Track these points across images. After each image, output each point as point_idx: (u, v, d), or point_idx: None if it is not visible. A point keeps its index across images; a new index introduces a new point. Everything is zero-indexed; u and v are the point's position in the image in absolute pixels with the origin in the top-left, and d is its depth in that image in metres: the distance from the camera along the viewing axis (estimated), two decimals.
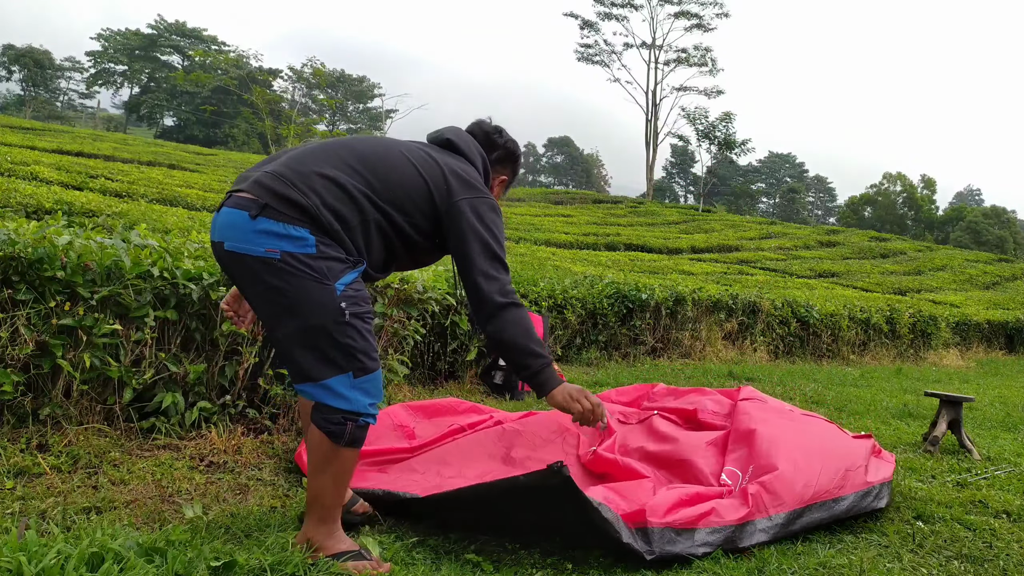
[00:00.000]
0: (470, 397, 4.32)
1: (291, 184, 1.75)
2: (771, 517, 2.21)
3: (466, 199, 1.91)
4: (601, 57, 48.06)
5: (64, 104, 66.63)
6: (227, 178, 19.86)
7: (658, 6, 45.43)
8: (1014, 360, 11.27)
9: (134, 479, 2.33)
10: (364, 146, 1.92)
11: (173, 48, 62.31)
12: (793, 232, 31.18)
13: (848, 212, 68.85)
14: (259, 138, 46.39)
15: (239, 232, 1.72)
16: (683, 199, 74.94)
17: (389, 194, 1.84)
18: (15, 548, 1.51)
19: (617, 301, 6.38)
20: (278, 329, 1.75)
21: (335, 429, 1.73)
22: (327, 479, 1.78)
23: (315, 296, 1.70)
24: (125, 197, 11.70)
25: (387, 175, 1.85)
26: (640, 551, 1.94)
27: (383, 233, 1.85)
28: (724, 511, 2.17)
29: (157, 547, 1.66)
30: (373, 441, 2.65)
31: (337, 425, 1.73)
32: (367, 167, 1.84)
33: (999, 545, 2.35)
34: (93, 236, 2.84)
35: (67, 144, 20.96)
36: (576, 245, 18.55)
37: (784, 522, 2.23)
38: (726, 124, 42.54)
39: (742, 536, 2.14)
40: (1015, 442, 4.05)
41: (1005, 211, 61.21)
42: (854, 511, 2.40)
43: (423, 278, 3.90)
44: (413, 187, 1.87)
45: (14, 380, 2.40)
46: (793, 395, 5.29)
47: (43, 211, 7.51)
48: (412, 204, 1.87)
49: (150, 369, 2.70)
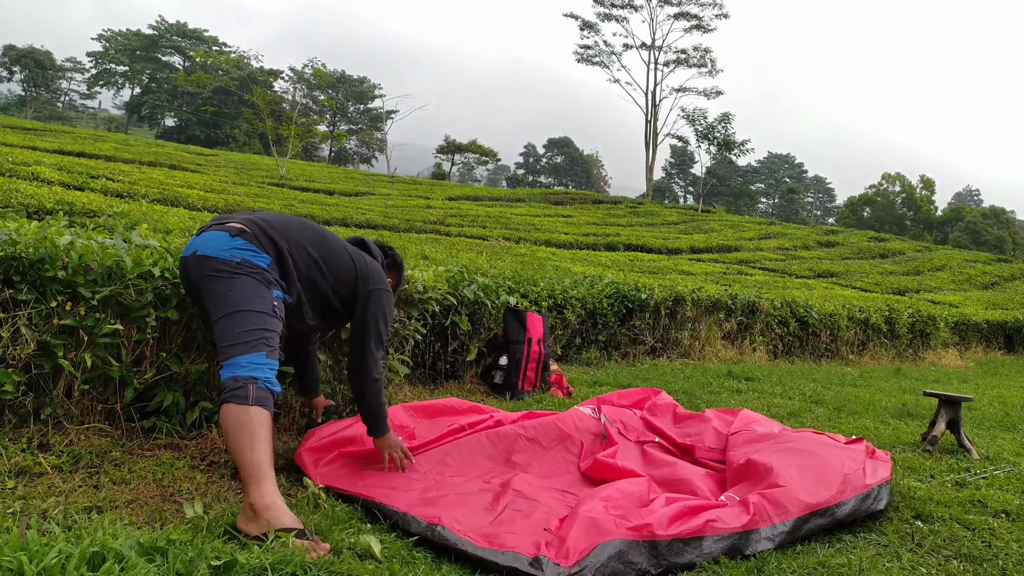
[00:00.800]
0: (470, 397, 4.32)
1: (275, 230, 2.39)
2: (775, 526, 2.22)
3: (375, 289, 2.60)
4: (601, 58, 48.09)
5: (65, 105, 66.62)
6: (228, 178, 19.86)
7: (658, 7, 45.46)
8: (1013, 360, 11.27)
9: (135, 479, 2.33)
10: (316, 231, 2.60)
11: (174, 49, 62.30)
12: (792, 232, 31.17)
13: (847, 212, 68.82)
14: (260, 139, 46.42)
15: (217, 243, 2.27)
16: (683, 199, 74.95)
17: (331, 268, 2.54)
18: (16, 548, 1.51)
19: (617, 301, 6.38)
20: (216, 313, 2.19)
21: (240, 392, 2.09)
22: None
23: (256, 291, 2.23)
24: (126, 197, 11.71)
25: (331, 256, 2.55)
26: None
27: (315, 290, 2.51)
28: (727, 519, 2.19)
29: (158, 546, 1.66)
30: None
31: (240, 388, 2.09)
32: (321, 245, 2.54)
33: (998, 544, 2.36)
34: (94, 236, 2.84)
35: (68, 144, 20.95)
36: (576, 245, 18.55)
37: (789, 530, 2.25)
38: (725, 125, 42.53)
39: (747, 543, 2.15)
40: (1014, 442, 4.06)
41: (1004, 211, 61.19)
42: (856, 515, 2.42)
43: (423, 278, 3.90)
44: (346, 269, 2.58)
45: (15, 380, 2.41)
46: (792, 395, 5.30)
47: (44, 211, 7.52)
48: (344, 279, 2.56)
49: (151, 369, 2.71)
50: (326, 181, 25.28)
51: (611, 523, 2.06)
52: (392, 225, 15.51)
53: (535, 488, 2.51)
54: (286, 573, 1.71)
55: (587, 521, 2.05)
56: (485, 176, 79.40)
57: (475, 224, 18.94)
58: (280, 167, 23.95)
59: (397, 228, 15.23)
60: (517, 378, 4.52)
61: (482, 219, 20.30)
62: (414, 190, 28.07)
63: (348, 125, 65.40)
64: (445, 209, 21.35)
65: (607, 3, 45.92)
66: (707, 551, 2.07)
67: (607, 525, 2.04)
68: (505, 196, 31.70)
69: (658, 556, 2.01)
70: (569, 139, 78.01)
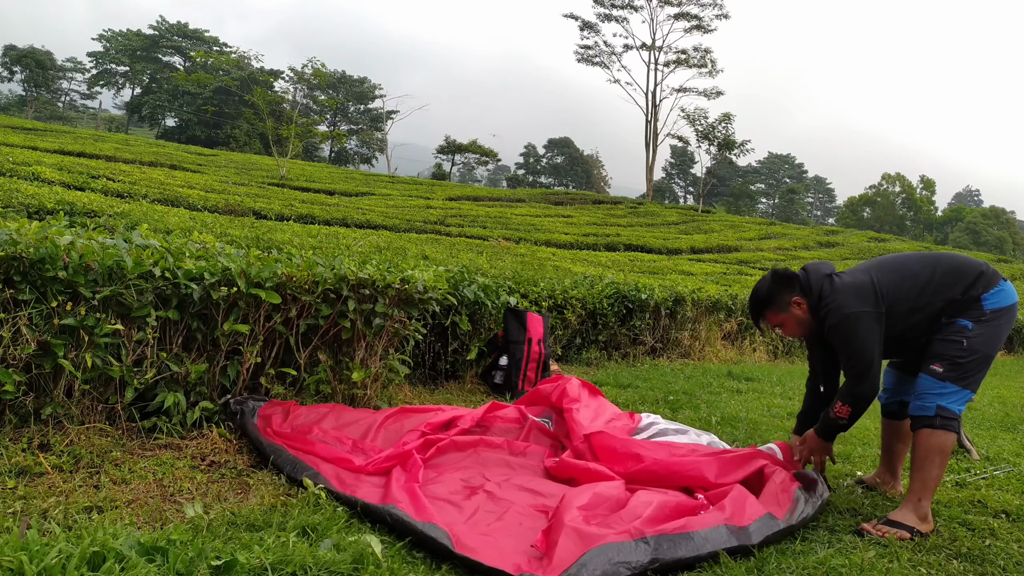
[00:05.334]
0: (470, 396, 4.33)
1: None
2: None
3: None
4: (601, 58, 48.01)
5: (66, 105, 66.56)
6: (228, 178, 19.86)
7: (658, 7, 45.37)
8: (1013, 360, 11.27)
9: (135, 478, 2.33)
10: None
11: (175, 49, 62.24)
12: (792, 232, 31.18)
13: (847, 213, 68.81)
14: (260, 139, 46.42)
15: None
16: (683, 200, 74.91)
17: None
18: (17, 547, 1.52)
19: (617, 301, 6.38)
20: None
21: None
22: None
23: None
24: (127, 197, 11.71)
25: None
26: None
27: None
28: (711, 516, 2.22)
29: (158, 546, 1.66)
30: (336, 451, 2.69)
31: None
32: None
33: (998, 545, 2.36)
34: (95, 236, 2.84)
35: (69, 145, 20.95)
36: (576, 245, 18.55)
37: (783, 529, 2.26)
38: (725, 125, 42.50)
39: (743, 536, 2.16)
40: (1014, 442, 4.06)
41: (1004, 212, 61.19)
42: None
43: (423, 278, 3.91)
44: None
45: (16, 380, 2.41)
46: (792, 395, 5.30)
47: (45, 211, 7.52)
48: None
49: (152, 369, 2.71)
50: (326, 181, 25.28)
51: (595, 530, 2.04)
52: (392, 225, 15.50)
53: (505, 487, 2.54)
54: (286, 573, 1.72)
55: (572, 532, 2.02)
56: (485, 176, 79.39)
57: (475, 224, 18.94)
58: (280, 167, 23.95)
59: (397, 228, 15.23)
60: (517, 378, 4.52)
61: (482, 219, 20.30)
62: (414, 190, 28.07)
63: (348, 125, 65.34)
64: (445, 209, 21.35)
65: (607, 3, 45.88)
66: (700, 542, 2.08)
67: (591, 533, 2.02)
68: (505, 196, 31.70)
69: (649, 553, 2.00)
70: (569, 139, 77.91)
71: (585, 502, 2.27)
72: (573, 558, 1.91)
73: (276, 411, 2.92)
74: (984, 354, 2.58)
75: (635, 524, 2.10)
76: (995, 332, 2.60)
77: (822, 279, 2.74)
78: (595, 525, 2.10)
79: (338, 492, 2.34)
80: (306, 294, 3.09)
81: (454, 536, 2.03)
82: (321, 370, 3.23)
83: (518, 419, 3.27)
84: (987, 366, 2.64)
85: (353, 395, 3.36)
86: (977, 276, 2.63)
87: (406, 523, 2.09)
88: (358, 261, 3.59)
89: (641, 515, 2.17)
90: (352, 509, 2.25)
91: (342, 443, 2.81)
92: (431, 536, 2.01)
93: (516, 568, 1.92)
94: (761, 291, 2.84)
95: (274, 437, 2.72)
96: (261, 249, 4.33)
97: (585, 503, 2.26)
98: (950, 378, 2.55)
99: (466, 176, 71.38)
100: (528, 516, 2.32)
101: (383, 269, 3.46)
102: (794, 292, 2.78)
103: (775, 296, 2.81)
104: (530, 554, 2.03)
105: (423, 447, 2.77)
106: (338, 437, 2.85)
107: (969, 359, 2.56)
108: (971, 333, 2.57)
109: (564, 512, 2.15)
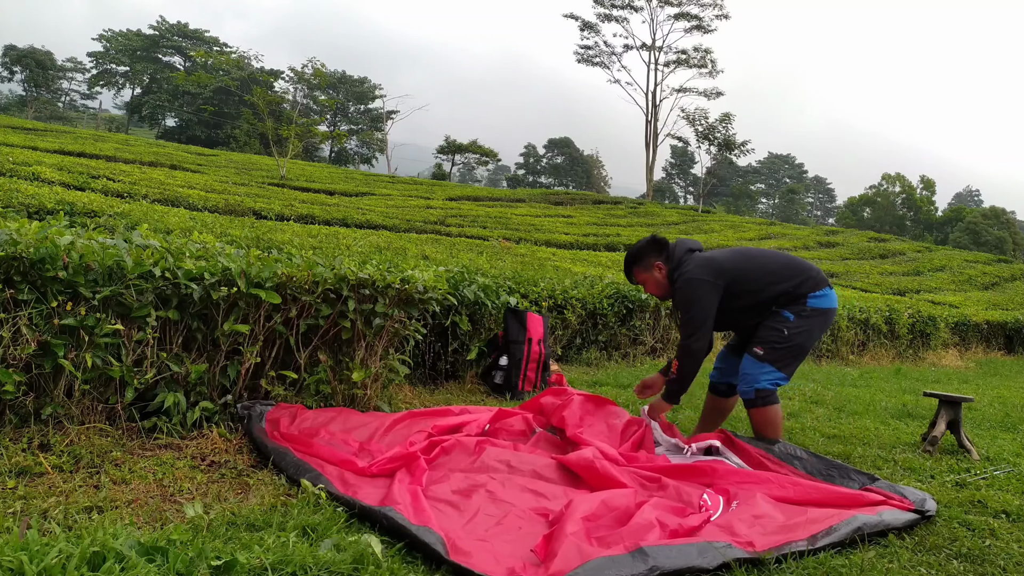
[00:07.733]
0: (471, 396, 4.33)
1: None
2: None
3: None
4: (601, 58, 47.98)
5: (66, 105, 66.54)
6: (228, 178, 19.86)
7: (658, 8, 45.34)
8: (1013, 360, 11.26)
9: (135, 478, 2.33)
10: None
11: (175, 49, 62.25)
12: (792, 233, 31.16)
13: (847, 213, 68.75)
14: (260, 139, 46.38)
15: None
16: (683, 200, 74.87)
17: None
18: (17, 547, 1.52)
19: (617, 301, 6.38)
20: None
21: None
22: None
23: None
24: (127, 197, 11.70)
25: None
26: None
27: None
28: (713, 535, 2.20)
29: (158, 546, 1.66)
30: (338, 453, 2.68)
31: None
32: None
33: (998, 545, 2.36)
34: (95, 236, 2.84)
35: (69, 145, 20.94)
36: (576, 245, 18.54)
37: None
38: (726, 125, 42.48)
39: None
40: (1014, 442, 4.06)
41: (1004, 212, 61.12)
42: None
43: (423, 278, 3.91)
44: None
45: (16, 380, 2.41)
46: (792, 395, 5.30)
47: (45, 211, 7.52)
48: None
49: (152, 369, 2.71)
50: (326, 181, 25.26)
51: (594, 550, 2.00)
52: (392, 225, 15.49)
53: (508, 486, 2.53)
54: (286, 573, 1.72)
55: (572, 546, 1.99)
56: (485, 176, 79.36)
57: (475, 224, 18.93)
58: (280, 167, 23.94)
59: (398, 228, 15.22)
60: (517, 378, 4.52)
61: (482, 219, 20.29)
62: (414, 190, 28.05)
63: (348, 125, 65.32)
64: (445, 209, 21.34)
65: (607, 4, 45.87)
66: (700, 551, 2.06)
67: (590, 546, 2.00)
68: (505, 196, 31.68)
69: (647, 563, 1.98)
70: (569, 139, 77.87)
71: (590, 511, 2.22)
72: (569, 569, 1.90)
73: (283, 414, 2.93)
74: (799, 344, 3.09)
75: (636, 543, 2.07)
76: (811, 328, 3.11)
77: (683, 252, 3.18)
78: (596, 542, 2.06)
79: (338, 493, 2.33)
80: (306, 294, 3.09)
81: (449, 541, 2.02)
82: (321, 370, 3.23)
83: (524, 431, 3.27)
84: (802, 356, 3.16)
85: (353, 395, 3.36)
86: (808, 277, 3.12)
87: (401, 526, 2.08)
88: (358, 261, 3.59)
89: (644, 538, 2.10)
90: (351, 510, 2.25)
91: (348, 445, 2.80)
92: (425, 541, 2.00)
93: (510, 574, 1.92)
94: (634, 250, 3.29)
95: (281, 440, 2.72)
96: (261, 249, 4.32)
97: (590, 512, 2.22)
98: (768, 360, 3.07)
99: (466, 176, 71.35)
100: (528, 520, 2.30)
101: (383, 269, 3.46)
102: (660, 257, 3.21)
103: (644, 257, 3.24)
104: (528, 559, 2.02)
105: (428, 448, 2.78)
106: (345, 440, 2.84)
107: (785, 346, 3.06)
108: (792, 324, 3.07)
109: (567, 521, 2.13)
